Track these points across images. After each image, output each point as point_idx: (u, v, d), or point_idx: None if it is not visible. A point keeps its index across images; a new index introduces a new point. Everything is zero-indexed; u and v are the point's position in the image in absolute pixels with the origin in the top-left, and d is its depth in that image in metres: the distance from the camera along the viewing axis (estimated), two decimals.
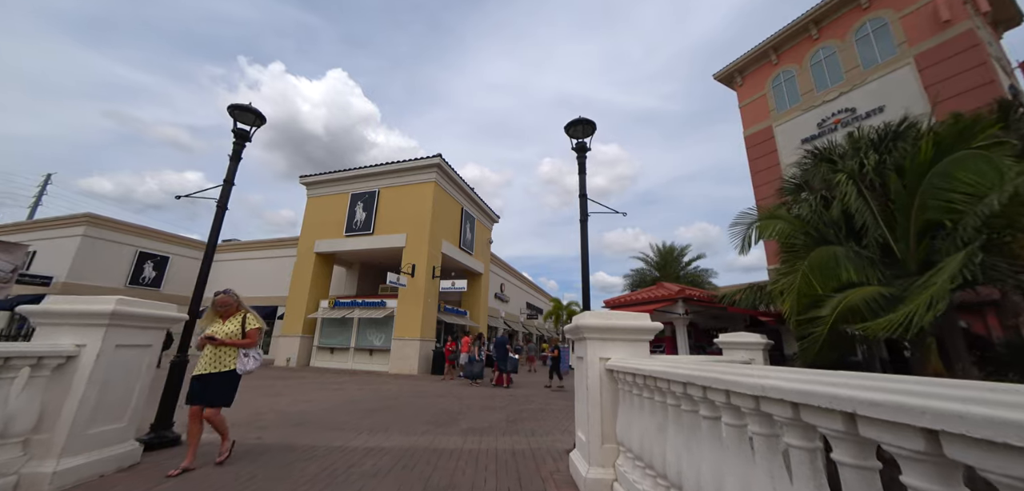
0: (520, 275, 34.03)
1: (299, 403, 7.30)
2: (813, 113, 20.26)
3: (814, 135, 20.29)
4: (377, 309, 16.95)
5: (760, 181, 21.95)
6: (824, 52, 20.62)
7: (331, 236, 18.62)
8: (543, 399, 9.21)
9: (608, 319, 3.37)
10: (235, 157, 5.08)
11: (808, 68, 20.95)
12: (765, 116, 22.39)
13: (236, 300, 3.94)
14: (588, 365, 3.31)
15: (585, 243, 4.98)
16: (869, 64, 18.74)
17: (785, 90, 21.83)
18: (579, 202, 5.24)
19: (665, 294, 8.12)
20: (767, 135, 22.01)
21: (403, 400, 8.24)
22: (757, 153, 22.55)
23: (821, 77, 20.36)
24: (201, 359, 3.66)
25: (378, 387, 10.30)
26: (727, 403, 1.67)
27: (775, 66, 22.49)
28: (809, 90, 20.50)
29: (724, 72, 23.82)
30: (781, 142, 21.23)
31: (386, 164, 18.27)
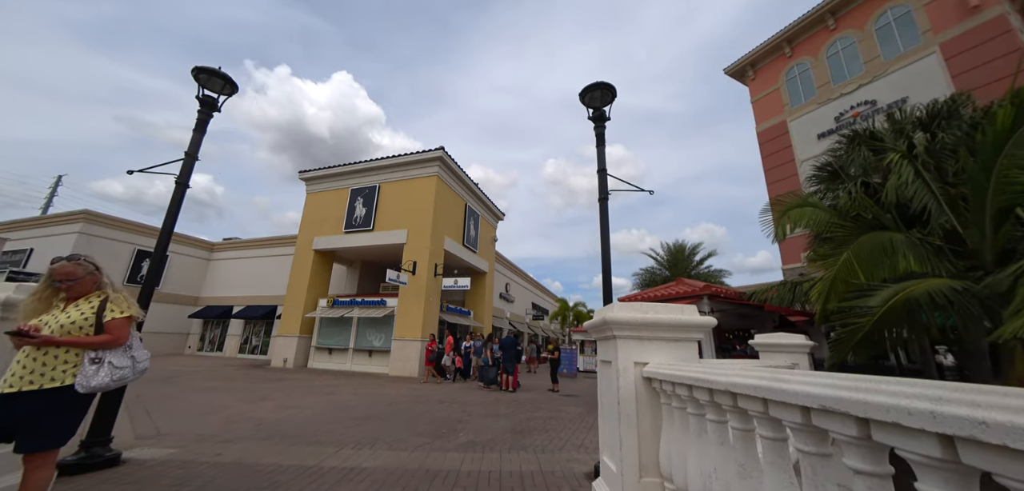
0: (525, 275, 33.25)
1: (282, 410, 6.60)
2: (830, 106, 19.39)
3: (831, 129, 19.45)
4: (377, 308, 16.27)
5: (774, 178, 21.06)
6: (842, 43, 19.75)
7: (330, 233, 18.01)
8: (550, 405, 8.42)
9: (645, 312, 2.58)
10: (199, 128, 4.39)
11: (824, 60, 20.09)
12: (779, 110, 21.57)
13: (90, 271, 2.56)
14: (618, 372, 2.52)
15: (605, 225, 4.21)
16: (890, 54, 17.82)
17: (800, 83, 21.00)
18: (598, 179, 4.47)
19: (688, 291, 7.23)
20: (781, 130, 21.19)
21: (399, 406, 7.50)
22: (771, 149, 21.70)
23: (838, 69, 19.52)
24: (12, 367, 2.18)
25: (375, 391, 9.58)
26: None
27: (789, 59, 21.66)
28: (825, 83, 19.66)
29: (735, 66, 23.16)
30: (796, 137, 20.37)
31: (387, 158, 17.62)
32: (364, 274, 21.20)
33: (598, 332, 2.83)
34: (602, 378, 2.93)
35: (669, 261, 25.92)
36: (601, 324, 2.70)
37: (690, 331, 2.57)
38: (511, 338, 11.36)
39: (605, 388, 2.83)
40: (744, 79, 24.30)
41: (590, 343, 22.94)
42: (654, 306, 2.66)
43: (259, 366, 16.32)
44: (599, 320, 2.72)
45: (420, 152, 16.91)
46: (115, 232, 20.68)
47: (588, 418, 7.01)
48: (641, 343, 2.56)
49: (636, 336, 2.56)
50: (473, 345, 13.52)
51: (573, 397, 10.17)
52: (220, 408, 6.55)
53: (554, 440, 5.24)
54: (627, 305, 2.68)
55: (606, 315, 2.63)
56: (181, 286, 23.93)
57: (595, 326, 2.81)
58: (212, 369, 14.11)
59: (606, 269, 4.18)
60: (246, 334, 22.73)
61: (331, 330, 16.90)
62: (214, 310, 23.30)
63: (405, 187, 17.19)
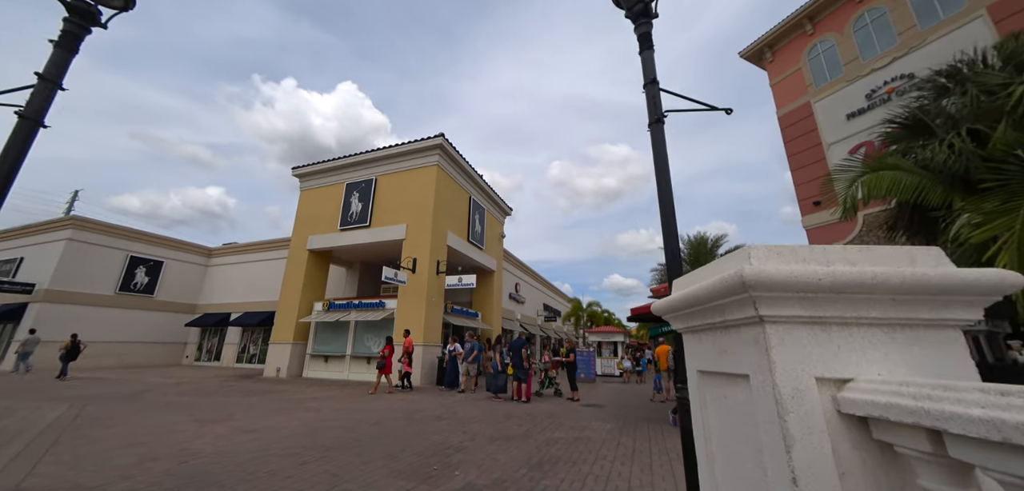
0: (536, 274, 31.73)
1: (234, 436, 5.23)
2: (859, 84, 17.64)
3: (863, 108, 17.77)
4: (375, 310, 14.96)
5: (798, 164, 19.41)
6: (870, 15, 18.03)
7: (325, 231, 16.80)
8: (572, 420, 6.92)
9: (838, 263, 1.08)
10: (66, 43, 3.02)
11: (851, 35, 18.40)
12: (802, 92, 19.91)
13: None
14: (778, 403, 1.01)
15: (662, 151, 2.74)
16: (928, 22, 16.03)
17: (824, 61, 19.38)
18: (645, 95, 3.00)
19: None
20: (805, 112, 19.52)
21: (385, 426, 6.08)
22: (794, 133, 20.00)
23: (868, 43, 17.83)
24: None
25: (364, 405, 8.19)
26: None
27: (811, 36, 20.02)
28: (853, 59, 17.96)
29: (751, 49, 21.66)
30: (822, 119, 18.64)
31: (384, 148, 16.36)
32: (364, 276, 19.97)
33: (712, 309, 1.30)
34: (716, 410, 1.41)
35: (689, 255, 24.12)
36: (724, 288, 1.16)
37: (958, 305, 1.05)
38: (520, 340, 9.88)
39: (729, 437, 1.31)
40: (761, 62, 22.62)
41: (608, 345, 21.32)
42: (856, 251, 1.14)
43: (250, 377, 15.12)
44: (718, 282, 1.18)
45: (419, 140, 15.60)
46: (105, 238, 19.82)
47: (623, 439, 5.50)
48: (828, 335, 1.05)
49: (818, 320, 1.05)
50: (458, 348, 11.60)
51: (597, 408, 8.63)
52: (158, 435, 5.21)
53: (589, 482, 3.74)
54: (783, 248, 1.17)
55: (740, 270, 1.11)
56: (178, 293, 23.03)
57: (707, 296, 1.27)
58: (197, 382, 12.92)
59: (667, 209, 2.70)
60: (244, 342, 21.66)
61: (327, 336, 15.65)
62: (211, 317, 22.32)
63: (403, 179, 15.89)
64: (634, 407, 8.89)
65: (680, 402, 2.59)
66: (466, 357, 11.11)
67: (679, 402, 2.67)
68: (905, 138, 7.05)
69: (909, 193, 5.90)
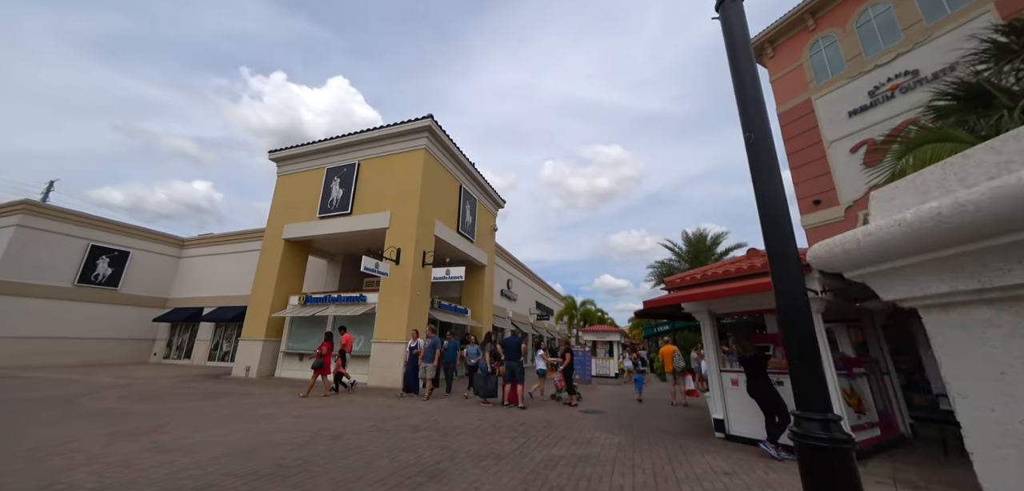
0: (529, 271, 30.71)
1: (148, 455, 4.08)
2: (862, 80, 17.13)
3: (865, 105, 17.22)
4: (354, 305, 13.77)
5: (798, 162, 18.85)
6: (874, 10, 17.53)
7: (303, 219, 15.52)
8: (573, 430, 5.89)
9: None
10: None
11: (854, 30, 17.90)
12: (802, 89, 19.40)
13: None
14: None
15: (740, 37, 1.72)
16: (934, 17, 15.52)
17: (826, 57, 18.87)
18: None
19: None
20: (806, 109, 18.99)
21: (349, 441, 4.98)
22: (794, 131, 19.45)
23: (871, 39, 17.32)
24: None
25: (330, 412, 7.05)
26: None
27: (813, 32, 19.52)
28: (856, 55, 17.46)
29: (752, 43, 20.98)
30: (823, 116, 18.11)
31: (368, 130, 15.15)
32: (346, 269, 18.71)
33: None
34: None
35: (689, 253, 23.34)
36: None
37: None
38: (516, 338, 8.82)
39: None
40: (762, 58, 22.08)
41: (603, 344, 20.42)
42: None
43: (216, 376, 13.81)
44: None
45: (405, 121, 14.43)
46: (62, 225, 18.20)
47: (639, 459, 4.48)
48: None
49: None
50: (420, 344, 9.65)
51: (598, 415, 7.62)
52: (43, 455, 4.04)
53: None
54: None
55: None
56: (147, 286, 21.46)
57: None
58: (151, 382, 11.61)
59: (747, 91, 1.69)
60: (217, 339, 20.23)
61: (303, 332, 14.40)
62: (182, 312, 20.81)
63: (388, 163, 14.71)
64: (640, 414, 7.91)
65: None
66: (426, 355, 9.28)
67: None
68: (957, 111, 6.17)
69: None
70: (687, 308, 5.76)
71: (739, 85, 1.93)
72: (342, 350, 10.57)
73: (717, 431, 5.40)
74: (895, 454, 4.66)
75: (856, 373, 4.93)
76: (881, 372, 5.38)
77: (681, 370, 9.67)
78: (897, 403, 5.37)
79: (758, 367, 4.30)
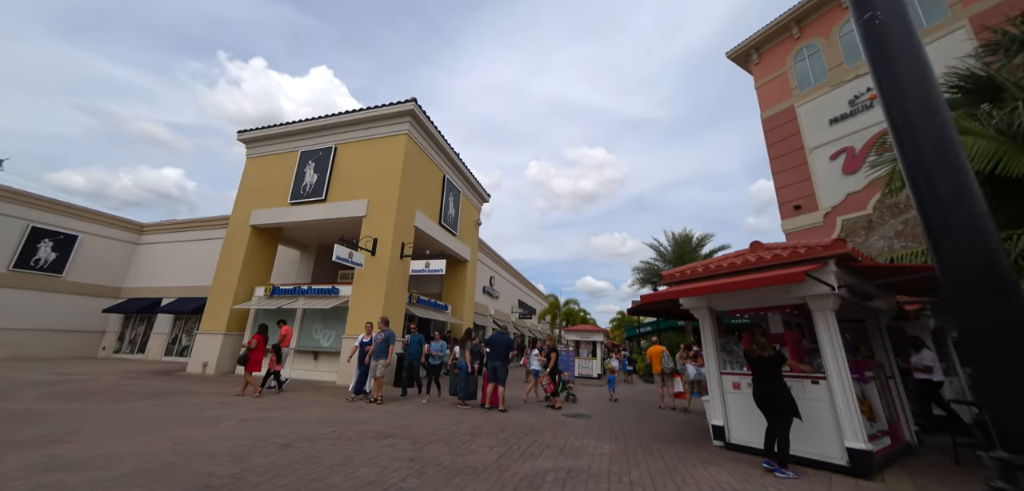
0: (512, 269, 30.13)
1: (30, 475, 3.25)
2: (843, 89, 17.61)
3: (846, 113, 17.71)
4: (326, 297, 12.83)
5: (780, 167, 19.21)
6: None
7: (273, 205, 14.44)
8: (558, 438, 5.32)
9: None
10: None
11: (836, 40, 18.40)
12: (786, 95, 19.83)
13: None
14: None
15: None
16: None
17: (809, 66, 19.36)
18: None
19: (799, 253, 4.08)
20: (789, 116, 19.45)
21: (299, 452, 4.25)
22: (777, 137, 19.89)
23: (853, 49, 17.82)
24: None
25: (285, 415, 6.26)
26: None
27: (797, 40, 20.00)
28: (838, 64, 17.94)
29: (739, 50, 21.70)
30: (805, 123, 18.53)
31: (347, 112, 14.21)
32: (321, 260, 17.65)
33: None
34: None
35: (674, 253, 23.28)
36: None
37: None
38: (503, 336, 8.19)
39: None
40: (747, 64, 22.42)
41: (586, 344, 20.05)
42: None
43: (168, 373, 12.63)
44: None
45: (387, 104, 13.58)
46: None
47: (635, 472, 3.94)
48: None
49: None
50: (374, 340, 8.29)
51: (584, 419, 7.10)
52: None
53: None
54: None
55: None
56: (98, 274, 19.72)
57: None
58: (89, 379, 10.41)
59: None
60: (175, 332, 18.75)
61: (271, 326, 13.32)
62: (137, 303, 19.22)
63: (367, 148, 13.82)
64: (628, 418, 7.44)
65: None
66: (377, 352, 7.99)
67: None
68: (964, 104, 5.94)
69: (983, 161, 4.68)
70: (686, 304, 5.29)
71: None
72: (277, 345, 9.36)
73: (716, 439, 4.93)
74: (907, 465, 4.30)
75: (867, 377, 4.56)
76: (886, 376, 5.05)
77: (670, 371, 9.27)
78: (903, 409, 5.05)
79: (774, 369, 3.84)
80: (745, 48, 21.34)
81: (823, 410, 3.98)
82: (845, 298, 4.18)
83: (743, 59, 21.92)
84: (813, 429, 3.97)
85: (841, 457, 3.79)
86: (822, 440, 3.95)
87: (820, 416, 3.99)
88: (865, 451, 3.65)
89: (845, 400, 3.81)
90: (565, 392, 9.92)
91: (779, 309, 4.89)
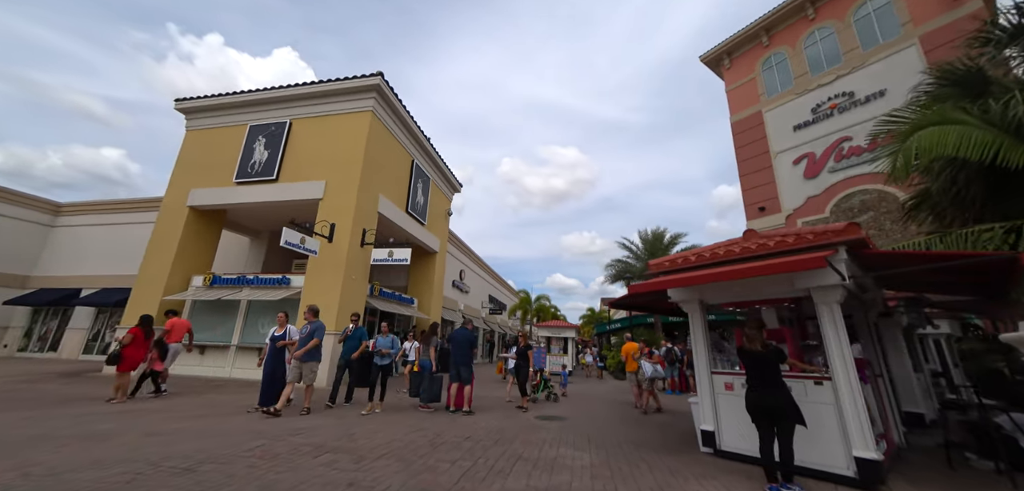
0: (484, 263, 29.32)
1: None
2: (807, 98, 18.38)
3: (809, 121, 18.53)
4: (275, 288, 11.52)
5: (747, 170, 19.84)
6: (821, 33, 18.92)
7: (216, 184, 12.83)
8: (532, 449, 4.67)
9: None
10: None
11: (802, 50, 19.21)
12: (755, 101, 20.53)
13: None
14: None
15: None
16: (870, 45, 17.01)
17: (777, 73, 20.13)
18: None
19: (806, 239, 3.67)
20: (756, 121, 20.14)
21: (208, 475, 3.32)
22: (745, 140, 20.56)
23: (817, 59, 18.70)
24: None
25: (205, 426, 5.20)
26: None
27: (766, 48, 20.74)
28: (803, 73, 18.72)
29: (712, 54, 22.40)
30: (772, 128, 19.22)
31: (304, 84, 12.84)
32: (273, 248, 16.06)
33: None
34: None
35: (645, 251, 23.40)
36: None
37: None
38: (467, 332, 7.41)
39: None
40: (719, 68, 23.05)
41: (558, 340, 19.69)
42: None
43: (77, 374, 10.86)
44: None
45: (350, 78, 12.37)
46: None
47: (620, 488, 3.35)
48: None
49: None
50: (292, 333, 6.67)
51: (556, 420, 6.52)
52: None
53: None
54: None
55: None
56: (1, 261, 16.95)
57: None
58: None
59: None
60: (97, 327, 16.46)
61: (208, 320, 11.82)
62: (49, 294, 16.70)
63: (327, 125, 12.55)
64: (603, 418, 6.94)
65: None
66: (302, 347, 6.30)
67: None
68: (952, 96, 5.84)
69: (981, 150, 4.49)
70: (674, 297, 4.78)
71: None
72: (161, 340, 7.53)
73: (704, 446, 4.46)
74: (904, 471, 4.01)
75: (867, 377, 4.25)
76: (875, 374, 4.79)
77: None
78: (892, 411, 4.82)
79: (773, 367, 3.35)
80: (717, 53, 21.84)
81: (827, 414, 3.56)
82: (850, 290, 3.79)
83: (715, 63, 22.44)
84: (815, 436, 3.55)
85: (847, 467, 3.38)
86: (825, 448, 3.53)
87: (823, 421, 3.57)
88: (875, 461, 3.25)
89: (853, 404, 3.40)
90: (548, 390, 9.40)
91: (776, 302, 4.49)
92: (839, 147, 16.27)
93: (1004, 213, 4.52)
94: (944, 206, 5.83)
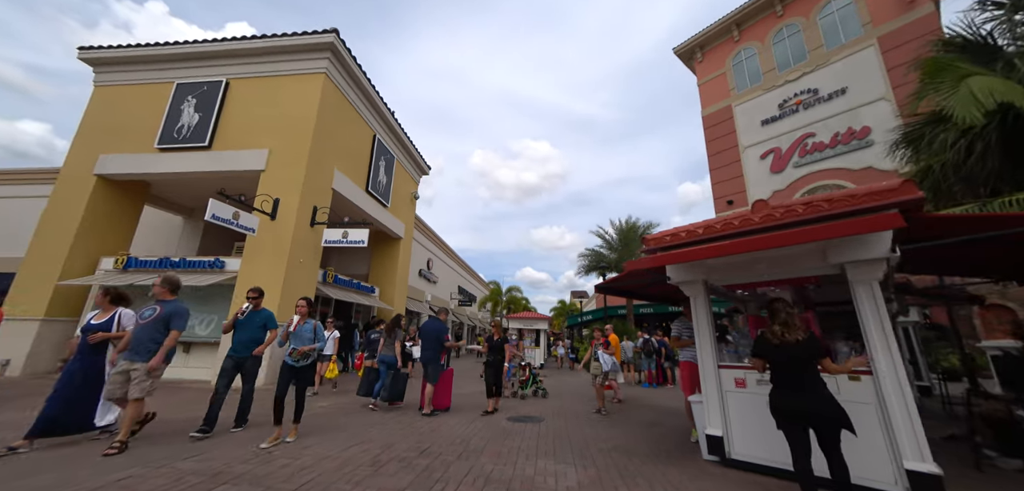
0: (453, 253, 28.08)
1: None
2: (774, 93, 18.79)
3: (776, 116, 18.99)
4: (207, 272, 9.87)
5: (718, 163, 20.17)
6: (788, 30, 19.39)
7: (132, 150, 10.83)
8: (503, 461, 3.78)
9: None
10: None
11: (770, 47, 19.63)
12: (725, 95, 20.84)
13: None
14: None
15: None
16: (833, 43, 17.59)
17: (746, 68, 20.53)
18: None
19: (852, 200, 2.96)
20: (726, 115, 20.46)
21: None
22: (715, 133, 20.85)
23: (784, 56, 19.16)
24: None
25: (61, 453, 3.88)
26: None
27: (737, 43, 21.08)
28: (771, 69, 19.14)
29: (685, 47, 22.60)
30: (741, 122, 19.54)
31: (245, 38, 11.06)
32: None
33: None
34: None
35: (619, 242, 23.18)
36: None
37: None
38: (438, 323, 6.39)
39: None
40: (692, 61, 23.22)
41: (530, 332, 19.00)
42: None
43: None
44: None
45: (299, 33, 10.76)
46: None
47: None
48: None
49: None
50: (114, 320, 4.35)
51: (531, 422, 5.69)
52: None
53: None
54: None
55: None
56: None
57: None
58: None
59: None
60: None
61: None
62: None
63: (271, 86, 10.90)
64: (582, 417, 6.20)
65: None
66: (134, 347, 4.02)
67: None
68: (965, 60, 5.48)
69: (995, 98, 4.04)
70: (675, 277, 4.04)
71: None
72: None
73: (710, 453, 3.76)
74: None
75: None
76: None
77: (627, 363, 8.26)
78: None
79: (806, 362, 2.63)
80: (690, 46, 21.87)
81: (867, 417, 2.93)
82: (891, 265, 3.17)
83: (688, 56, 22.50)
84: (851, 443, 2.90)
85: (896, 482, 2.76)
86: (865, 459, 2.89)
87: (861, 425, 2.94)
88: (933, 475, 2.64)
89: (903, 405, 2.78)
90: (536, 386, 8.59)
91: (799, 282, 3.86)
92: (804, 142, 16.60)
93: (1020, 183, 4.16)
94: (950, 182, 5.51)
